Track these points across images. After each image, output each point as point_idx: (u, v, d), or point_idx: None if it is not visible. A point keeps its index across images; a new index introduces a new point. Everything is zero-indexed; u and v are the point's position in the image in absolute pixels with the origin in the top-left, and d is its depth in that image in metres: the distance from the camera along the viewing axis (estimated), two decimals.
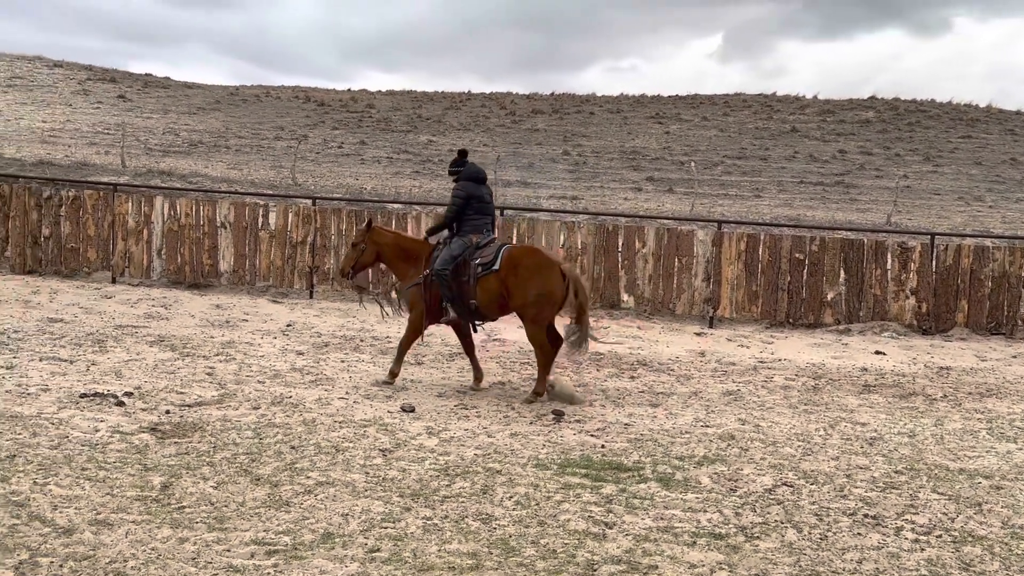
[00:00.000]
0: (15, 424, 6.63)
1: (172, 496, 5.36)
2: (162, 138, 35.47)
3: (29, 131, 34.42)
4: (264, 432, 6.81)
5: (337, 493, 5.57)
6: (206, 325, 11.31)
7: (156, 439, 6.48)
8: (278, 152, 34.29)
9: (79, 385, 7.88)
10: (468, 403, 8.05)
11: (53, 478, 5.54)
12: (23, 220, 14.37)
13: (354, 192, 25.92)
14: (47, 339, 9.81)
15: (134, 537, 4.73)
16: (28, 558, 4.42)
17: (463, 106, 49.24)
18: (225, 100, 48.14)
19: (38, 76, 49.16)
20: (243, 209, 14.23)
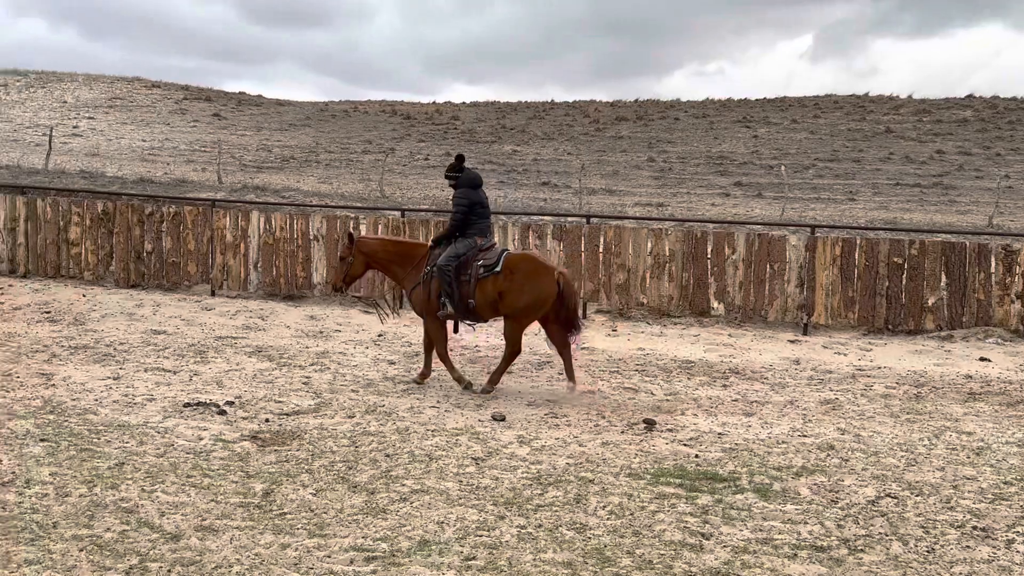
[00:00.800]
0: (123, 433, 6.89)
1: (273, 503, 5.49)
2: (256, 154, 36.52)
3: (130, 150, 35.88)
4: (359, 440, 6.92)
5: (432, 501, 5.63)
6: (301, 336, 11.58)
7: (257, 447, 6.65)
8: (366, 165, 34.93)
9: (182, 395, 8.14)
10: (558, 412, 8.04)
11: (160, 485, 5.74)
12: (127, 236, 14.95)
13: (440, 203, 26.22)
14: (151, 350, 10.17)
15: (238, 543, 4.86)
16: (138, 563, 4.58)
17: (546, 115, 49.37)
18: (315, 116, 49.32)
19: (137, 97, 51.21)
20: (335, 222, 14.52)
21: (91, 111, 45.53)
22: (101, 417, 7.29)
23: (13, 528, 4.95)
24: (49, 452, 6.31)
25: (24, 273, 15.26)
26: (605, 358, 10.65)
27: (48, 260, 15.22)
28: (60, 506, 5.31)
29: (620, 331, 12.55)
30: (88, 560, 4.57)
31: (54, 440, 6.59)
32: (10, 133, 37.75)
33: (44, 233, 15.22)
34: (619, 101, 52.58)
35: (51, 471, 5.91)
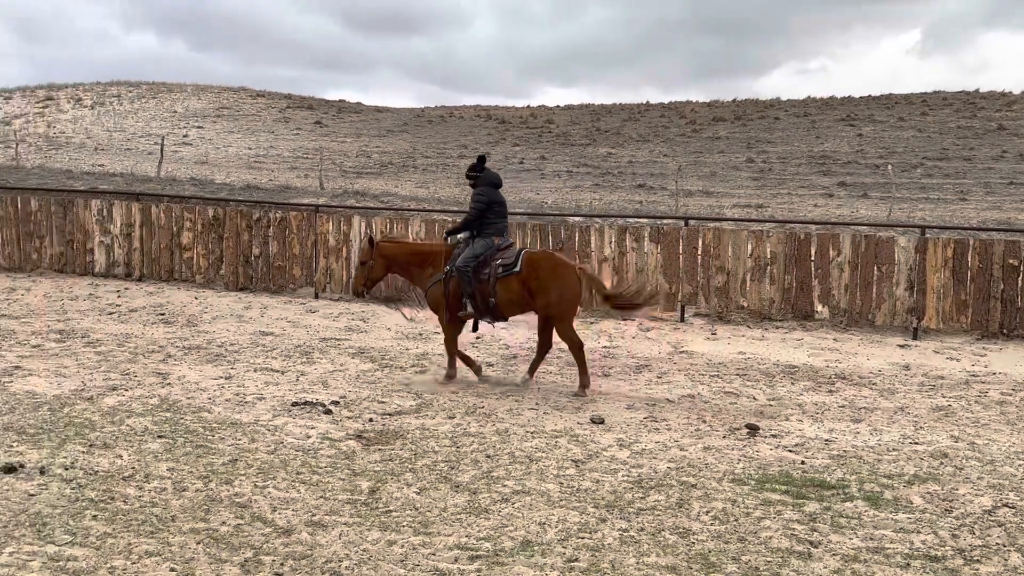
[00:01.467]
0: (235, 430, 7.14)
1: (379, 500, 5.61)
2: (355, 160, 37.34)
3: (236, 157, 37.13)
4: (460, 441, 7.00)
5: (533, 502, 5.65)
6: (401, 338, 11.78)
7: (362, 446, 6.81)
8: (462, 170, 35.25)
9: (290, 394, 8.39)
10: (658, 416, 7.98)
11: (271, 481, 5.93)
12: (235, 241, 15.48)
13: (535, 207, 26.30)
14: (260, 351, 10.51)
15: (347, 538, 4.98)
16: (252, 556, 4.74)
17: (642, 117, 49.00)
18: (412, 122, 50.12)
19: (243, 106, 52.97)
20: (433, 226, 14.73)
21: (200, 120, 47.29)
22: (214, 415, 7.57)
23: (134, 521, 5.18)
24: (167, 448, 6.58)
25: (139, 277, 15.96)
26: (704, 362, 10.52)
27: (162, 264, 15.88)
28: (178, 500, 5.54)
29: (719, 335, 12.36)
30: (205, 553, 4.76)
31: (171, 437, 6.87)
32: (124, 142, 39.53)
33: (158, 238, 15.88)
34: (716, 101, 51.83)
35: (169, 466, 6.17)
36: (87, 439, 6.71)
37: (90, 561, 4.61)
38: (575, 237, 14.08)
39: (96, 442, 6.64)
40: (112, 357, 9.80)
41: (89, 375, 8.89)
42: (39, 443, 6.58)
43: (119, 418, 7.33)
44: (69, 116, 47.24)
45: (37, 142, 38.22)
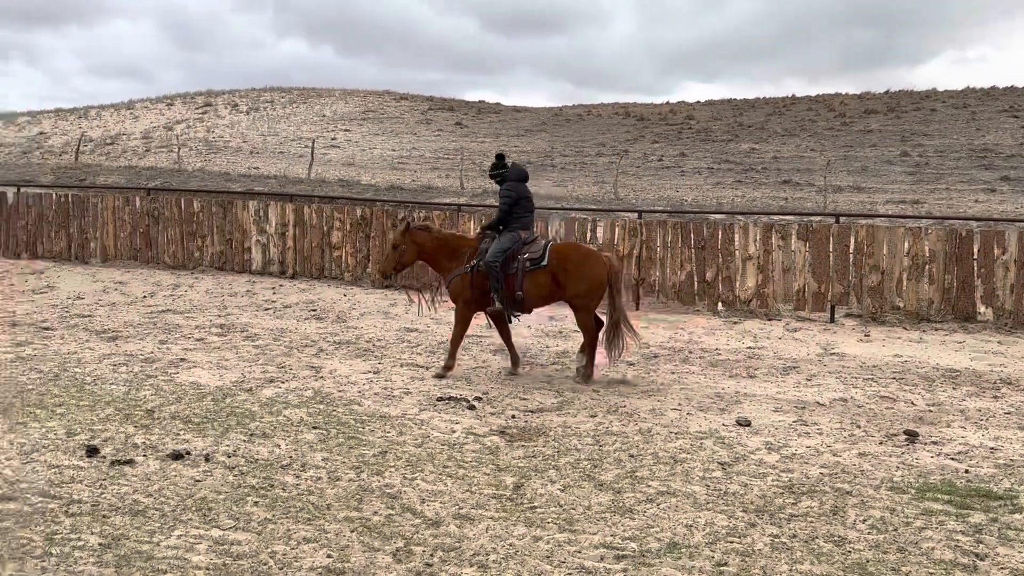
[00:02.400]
0: (384, 423, 7.35)
1: (524, 496, 5.66)
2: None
3: (381, 159, 38.23)
4: (603, 439, 6.98)
5: (679, 503, 5.57)
6: (541, 335, 11.84)
7: (505, 442, 6.88)
8: (600, 168, 35.20)
9: (435, 389, 8.57)
10: (808, 419, 7.71)
11: (419, 474, 6.07)
12: (382, 240, 15.93)
13: (675, 204, 25.95)
14: (405, 347, 10.78)
15: (493, 532, 5.05)
16: (403, 546, 4.87)
17: (787, 111, 47.55)
18: (550, 121, 50.32)
19: (387, 109, 54.49)
20: (572, 224, 14.74)
21: (347, 124, 48.96)
22: (364, 408, 7.81)
23: (292, 508, 5.41)
24: (321, 439, 6.84)
25: (292, 274, 16.64)
26: (857, 364, 10.10)
27: (313, 262, 16.52)
28: (332, 489, 5.75)
29: (873, 336, 11.84)
30: (359, 541, 4.92)
31: (324, 428, 7.14)
32: (277, 146, 41.36)
33: (310, 237, 16.53)
34: (867, 93, 49.74)
35: (323, 456, 6.41)
36: (248, 428, 7.05)
37: (252, 545, 4.84)
38: (717, 235, 13.79)
39: (256, 432, 6.98)
40: (269, 351, 10.26)
41: (248, 367, 9.33)
42: (204, 431, 6.96)
43: (276, 409, 7.67)
44: (226, 121, 49.80)
45: (197, 146, 40.48)
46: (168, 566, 4.56)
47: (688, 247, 13.93)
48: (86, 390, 8.18)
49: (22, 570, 4.47)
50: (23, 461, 6.14)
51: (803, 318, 13.07)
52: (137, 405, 7.69)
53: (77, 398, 7.88)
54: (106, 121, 51.60)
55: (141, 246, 17.53)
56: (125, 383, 8.49)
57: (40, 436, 6.72)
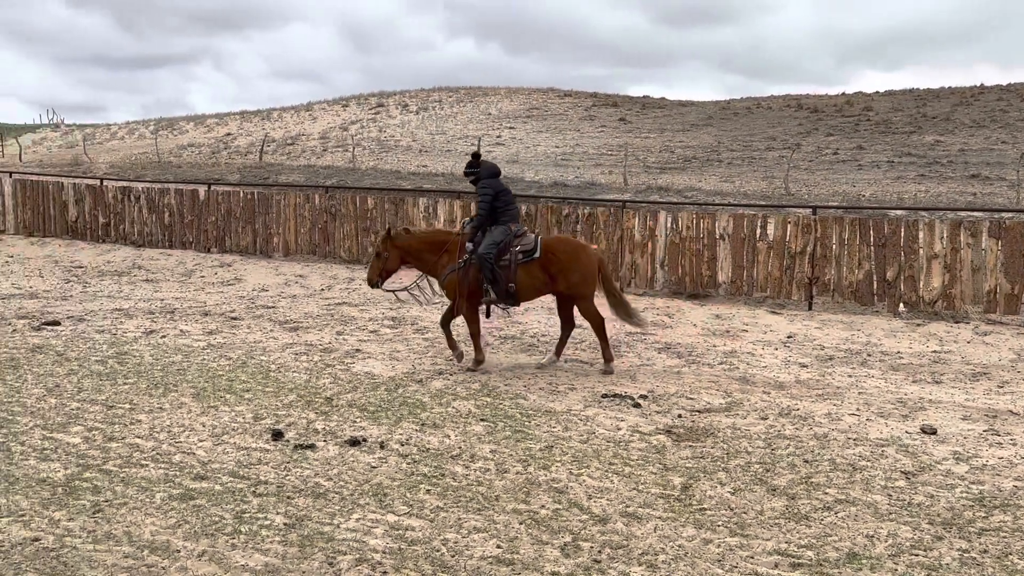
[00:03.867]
0: (549, 418, 7.39)
1: (692, 497, 5.55)
2: (659, 156, 37.32)
3: (544, 156, 38.49)
4: (775, 443, 6.76)
5: (859, 513, 5.32)
6: (708, 334, 11.60)
7: (672, 441, 6.78)
8: (769, 163, 34.12)
9: (599, 386, 8.54)
10: (1001, 429, 7.20)
11: (585, 470, 6.07)
12: (545, 236, 16.05)
13: (851, 200, 24.82)
14: (569, 343, 10.79)
15: (662, 532, 4.98)
16: (571, 541, 4.88)
17: (975, 101, 44.58)
18: (717, 115, 49.23)
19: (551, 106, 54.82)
20: (741, 220, 14.36)
21: (511, 121, 49.60)
22: (530, 402, 7.89)
23: (463, 497, 5.52)
24: (488, 431, 6.96)
25: None
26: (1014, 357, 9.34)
27: None
28: (500, 481, 5.83)
29: None
30: (527, 533, 4.96)
31: (492, 420, 7.26)
32: (444, 144, 42.38)
33: None
34: None
35: (491, 448, 6.51)
36: (419, 418, 7.26)
37: (425, 532, 4.97)
38: (899, 232, 13.09)
39: (427, 422, 7.17)
40: (438, 344, 10.52)
41: (419, 359, 9.61)
42: (378, 420, 7.22)
43: (446, 400, 7.86)
44: (397, 121, 51.49)
45: (370, 145, 42.05)
46: (347, 547, 4.75)
47: (867, 245, 13.29)
48: (271, 377, 8.65)
49: (214, 545, 4.77)
50: (214, 443, 6.56)
51: (994, 321, 12.21)
52: (317, 392, 8.06)
53: (263, 384, 8.34)
54: (287, 123, 54.42)
55: (319, 241, 18.39)
56: (306, 371, 8.92)
57: (230, 420, 7.16)
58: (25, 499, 5.37)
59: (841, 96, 51.61)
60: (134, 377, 8.54)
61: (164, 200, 20.09)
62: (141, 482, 5.69)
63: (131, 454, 6.25)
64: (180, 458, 6.19)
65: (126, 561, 4.56)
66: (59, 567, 4.49)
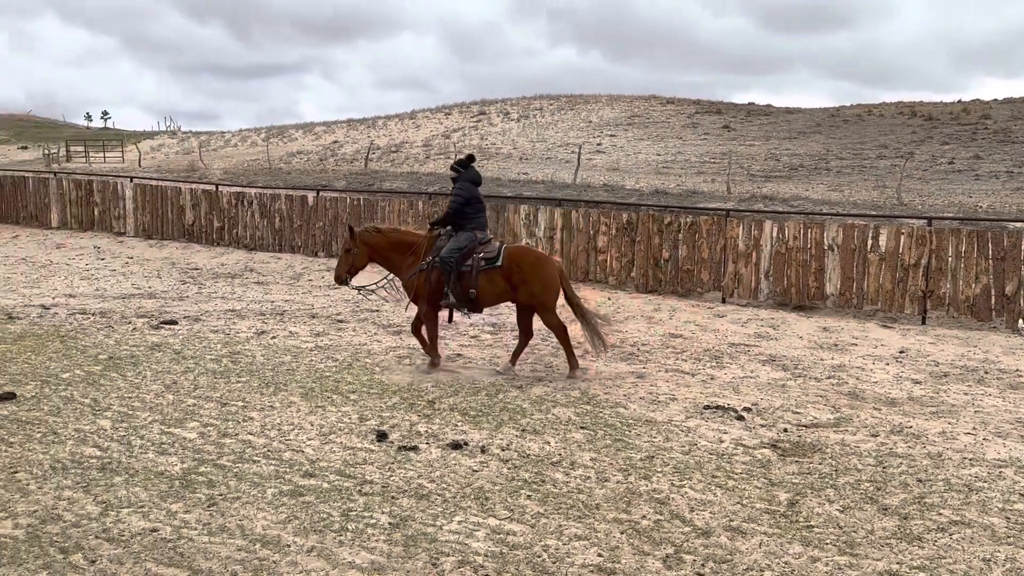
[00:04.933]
0: (650, 428, 7.34)
1: (799, 514, 5.43)
2: (764, 164, 36.61)
3: (646, 164, 38.22)
4: (886, 461, 6.55)
5: (975, 535, 5.11)
6: (814, 347, 11.31)
7: (777, 455, 6.64)
8: (880, 171, 33.09)
9: (701, 397, 8.43)
10: None
11: (687, 482, 6.00)
12: (647, 244, 15.94)
13: (967, 211, 23.86)
14: (670, 352, 10.70)
15: (767, 548, 4.88)
16: (673, 553, 4.83)
17: None
18: (825, 123, 48.01)
19: (653, 113, 54.42)
20: (851, 231, 13.97)
21: (612, 129, 49.44)
22: (630, 411, 7.84)
23: (563, 504, 5.53)
24: (588, 439, 6.95)
25: None
26: None
27: (579, 265, 16.83)
28: (601, 489, 5.81)
29: None
30: (629, 543, 4.94)
31: (592, 428, 7.25)
32: (544, 152, 42.53)
33: (576, 241, 16.86)
34: None
35: (591, 456, 6.50)
36: (519, 424, 7.31)
37: (526, 537, 5.00)
38: (1020, 245, 12.51)
39: (527, 428, 7.21)
40: (537, 351, 10.56)
41: (518, 366, 9.66)
42: (479, 424, 7.30)
43: (546, 407, 7.88)
44: (498, 129, 51.94)
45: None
46: (450, 549, 4.82)
47: (985, 258, 12.76)
48: (375, 379, 8.84)
49: (323, 542, 4.90)
50: (322, 442, 6.74)
51: None
52: (420, 395, 8.20)
53: (367, 386, 8.53)
54: (391, 130, 55.53)
55: None
56: (408, 374, 9.08)
57: (336, 419, 7.35)
58: (144, 491, 5.63)
59: (957, 104, 49.69)
60: (246, 376, 8.85)
61: (275, 205, 20.75)
62: (253, 477, 5.90)
63: (244, 450, 6.48)
64: (290, 455, 6.38)
65: (239, 554, 4.73)
66: (176, 557, 4.69)
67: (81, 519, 5.15)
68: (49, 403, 7.68)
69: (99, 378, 8.64)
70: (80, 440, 6.65)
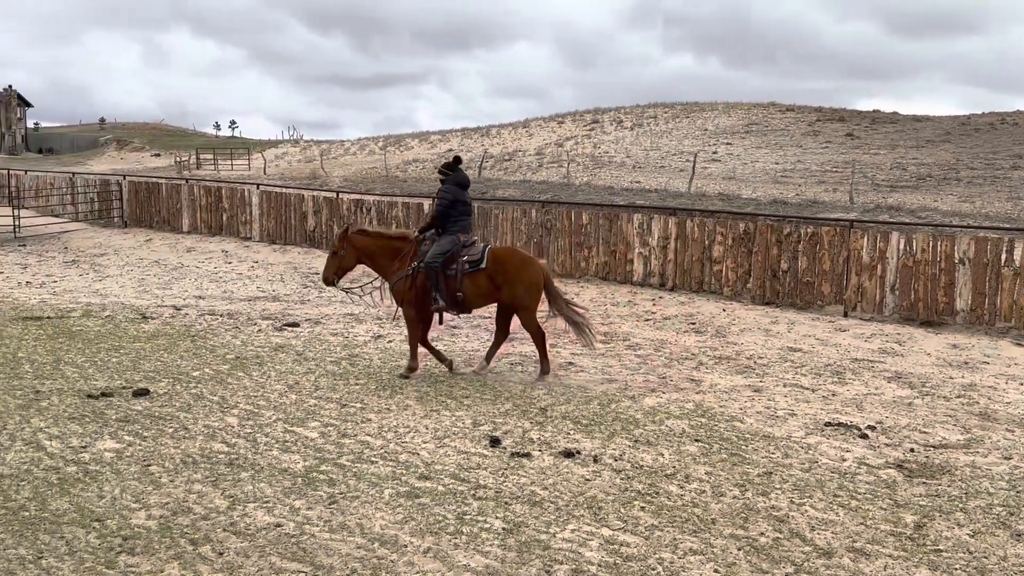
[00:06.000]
0: (768, 444, 7.16)
1: (927, 537, 5.21)
2: (889, 173, 35.33)
3: (763, 172, 37.38)
4: (1020, 484, 6.21)
5: None
6: (943, 365, 10.83)
7: (903, 476, 6.38)
8: (1015, 182, 31.47)
9: (822, 413, 8.18)
10: None
11: (808, 500, 5.83)
12: (764, 255, 15.59)
13: None
14: (788, 367, 10.42)
15: (892, 571, 4.70)
16: (793, 572, 4.71)
17: None
18: (955, 131, 46.00)
19: (771, 121, 53.22)
20: (984, 244, 13.32)
21: (728, 137, 48.59)
22: (747, 426, 7.68)
23: (678, 518, 5.46)
24: (703, 452, 6.84)
25: (672, 287, 16.86)
26: None
27: (693, 276, 16.60)
28: (716, 504, 5.71)
29: None
30: (746, 560, 4.84)
31: (707, 442, 7.13)
32: (658, 160, 42.13)
33: (691, 251, 16.63)
34: None
35: (706, 470, 6.40)
36: (632, 435, 7.25)
37: (640, 549, 4.95)
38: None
39: (640, 438, 7.15)
40: (649, 361, 10.47)
41: (631, 376, 9.60)
42: (591, 433, 7.27)
43: (659, 418, 7.80)
44: (611, 137, 51.73)
45: (584, 161, 42.48)
46: (564, 557, 4.82)
47: None
48: (488, 385, 8.92)
49: (438, 543, 4.98)
50: (437, 445, 6.85)
51: None
52: (532, 402, 8.23)
53: (480, 392, 8.62)
54: (504, 139, 56.03)
55: (535, 254, 18.78)
56: (520, 382, 9.13)
57: (450, 424, 7.45)
58: (269, 487, 5.83)
59: None
60: (364, 378, 9.07)
61: (392, 212, 21.22)
62: (371, 477, 6.04)
63: (362, 450, 6.64)
64: (406, 457, 6.51)
65: (359, 552, 4.85)
66: (299, 553, 4.84)
67: (210, 512, 5.37)
68: (180, 400, 8.06)
69: (226, 377, 9.01)
70: (209, 436, 6.94)
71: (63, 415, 7.44)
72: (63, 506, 5.43)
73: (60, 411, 7.56)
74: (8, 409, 7.58)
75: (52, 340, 10.73)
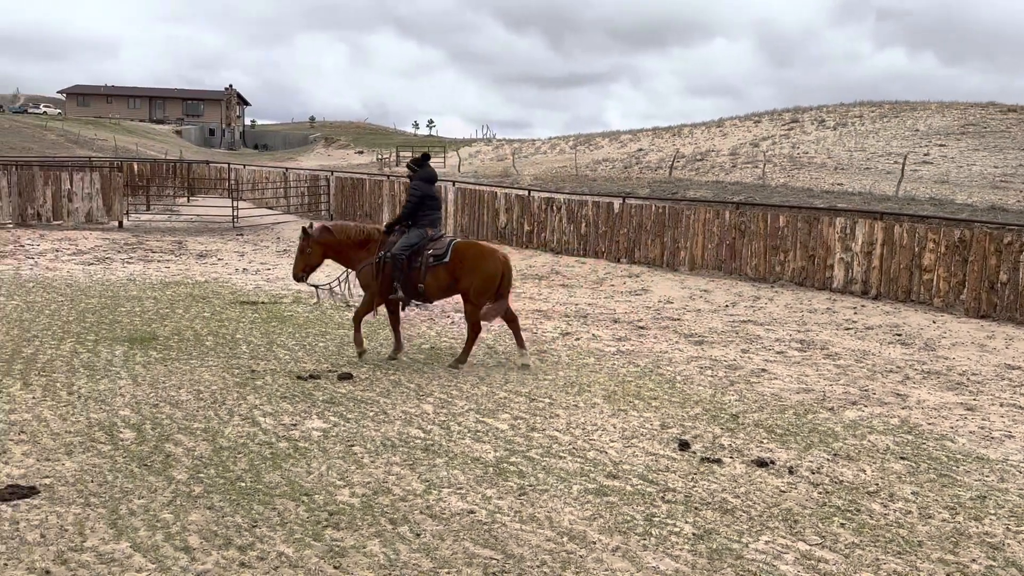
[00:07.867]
0: (982, 465, 6.67)
1: None
2: None
3: (980, 177, 34.80)
4: None
5: None
6: None
7: None
8: None
9: None
10: None
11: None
12: (981, 265, 14.50)
13: None
14: (1006, 385, 9.66)
15: None
16: None
17: None
18: None
19: (990, 122, 49.49)
20: None
21: (942, 138, 45.60)
22: (958, 446, 7.18)
23: (881, 537, 5.17)
24: (909, 471, 6.45)
25: (876, 295, 15.99)
26: None
27: (900, 284, 15.68)
28: (924, 526, 5.37)
29: None
30: None
31: (913, 460, 6.72)
32: (863, 161, 40.08)
33: (898, 258, 15.71)
34: None
35: (912, 490, 6.03)
36: (831, 448, 6.94)
37: (839, 567, 4.73)
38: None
39: (840, 452, 6.83)
40: (850, 372, 9.98)
41: (829, 386, 9.19)
42: (786, 443, 7.02)
43: (860, 432, 7.42)
44: (812, 137, 49.69)
45: (781, 162, 41.03)
46: (758, 568, 4.67)
47: None
48: (676, 388, 8.80)
49: (627, 543, 4.95)
50: (624, 445, 6.82)
51: None
52: (722, 408, 8.05)
53: (669, 394, 8.51)
54: (697, 138, 55.02)
55: (726, 257, 18.34)
56: (711, 386, 8.95)
57: (638, 424, 7.40)
58: (462, 474, 6.00)
59: None
60: (552, 374, 9.17)
61: (582, 211, 21.31)
62: (560, 472, 6.09)
63: (550, 445, 6.71)
64: (594, 455, 6.52)
65: (548, 544, 4.91)
66: (491, 540, 4.95)
67: (407, 494, 5.59)
68: (380, 385, 8.44)
69: (422, 366, 9.35)
70: (406, 421, 7.23)
71: (275, 394, 7.96)
72: (275, 479, 5.81)
73: (273, 390, 8.10)
74: (227, 386, 8.19)
75: (266, 324, 11.52)
